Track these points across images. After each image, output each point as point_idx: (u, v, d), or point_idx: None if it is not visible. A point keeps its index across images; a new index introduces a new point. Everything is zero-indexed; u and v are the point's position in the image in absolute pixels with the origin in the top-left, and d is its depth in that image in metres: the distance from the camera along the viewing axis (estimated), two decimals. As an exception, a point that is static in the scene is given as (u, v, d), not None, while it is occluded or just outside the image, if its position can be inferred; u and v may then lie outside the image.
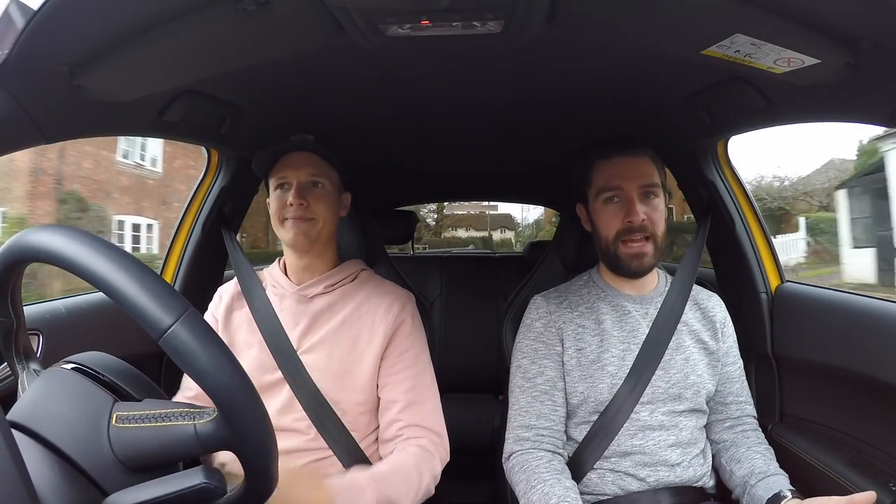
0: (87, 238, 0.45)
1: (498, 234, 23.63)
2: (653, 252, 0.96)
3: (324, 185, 0.99)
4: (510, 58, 0.87)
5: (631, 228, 0.95)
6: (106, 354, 0.58)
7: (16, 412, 0.51)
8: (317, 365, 0.94)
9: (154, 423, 0.49)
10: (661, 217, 0.97)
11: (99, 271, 0.44)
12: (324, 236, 0.99)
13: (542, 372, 0.99)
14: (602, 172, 1.00)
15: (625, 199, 0.97)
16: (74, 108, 0.76)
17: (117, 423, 0.50)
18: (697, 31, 0.68)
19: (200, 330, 0.44)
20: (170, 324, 0.43)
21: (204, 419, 0.48)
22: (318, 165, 0.99)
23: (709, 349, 1.01)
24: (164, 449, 0.49)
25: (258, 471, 0.50)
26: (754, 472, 0.92)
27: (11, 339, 0.59)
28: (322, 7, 0.63)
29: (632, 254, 0.96)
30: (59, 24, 0.59)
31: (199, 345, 0.44)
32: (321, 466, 0.91)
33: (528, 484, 0.90)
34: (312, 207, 0.96)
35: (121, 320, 0.45)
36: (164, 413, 0.50)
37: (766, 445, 0.99)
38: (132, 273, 0.44)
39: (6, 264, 0.50)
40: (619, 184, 0.97)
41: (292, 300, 0.99)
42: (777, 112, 0.92)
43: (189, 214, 1.33)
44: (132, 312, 0.43)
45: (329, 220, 0.99)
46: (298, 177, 0.97)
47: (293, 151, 0.99)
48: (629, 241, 0.96)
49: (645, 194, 0.97)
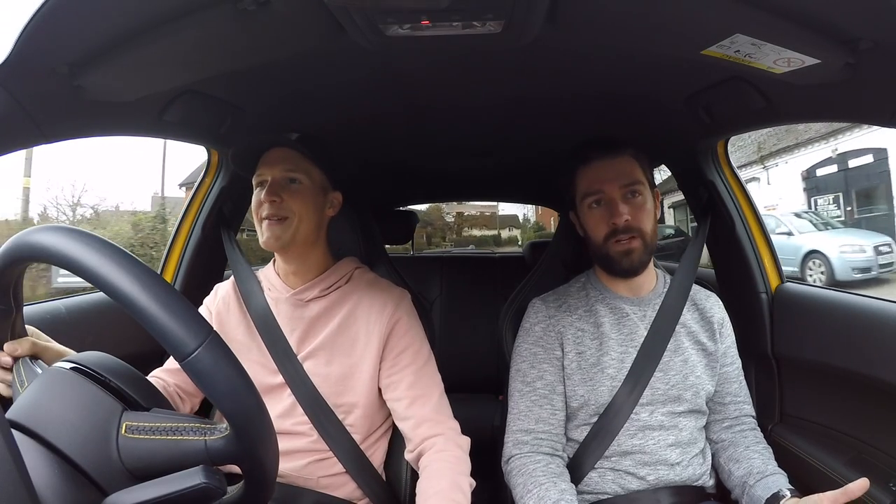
0: (113, 251, 0.46)
1: (506, 232, 27.45)
2: (642, 248, 0.96)
3: (301, 181, 0.94)
4: (510, 58, 0.87)
5: (616, 230, 0.96)
6: (107, 355, 0.58)
7: (16, 411, 0.51)
8: (317, 371, 0.94)
9: (165, 437, 0.50)
10: (647, 215, 0.97)
11: (124, 289, 0.44)
12: (301, 237, 0.94)
13: (541, 376, 0.99)
14: (584, 177, 1.00)
15: (608, 201, 0.97)
16: (74, 108, 0.76)
17: (127, 434, 0.50)
18: (697, 31, 0.68)
19: (223, 355, 0.46)
20: (194, 348, 0.44)
21: (215, 436, 0.50)
22: (296, 161, 0.95)
23: (707, 350, 1.01)
24: (174, 461, 0.50)
25: (258, 482, 0.52)
26: (752, 471, 0.93)
27: (8, 324, 0.60)
28: (322, 7, 0.63)
29: (621, 251, 0.96)
30: (59, 24, 0.59)
31: (221, 370, 0.46)
32: (322, 466, 0.91)
33: (525, 488, 0.90)
34: (287, 204, 0.92)
35: (121, 320, 0.45)
36: (175, 427, 0.51)
37: (764, 444, 0.99)
38: (157, 293, 0.45)
39: (11, 262, 0.50)
40: (600, 187, 0.97)
41: (288, 305, 0.98)
42: (777, 112, 0.92)
43: (189, 214, 1.33)
44: (156, 334, 0.44)
45: (306, 218, 0.94)
46: (273, 173, 0.94)
47: (272, 148, 0.96)
48: (617, 240, 0.96)
49: (627, 193, 0.96)
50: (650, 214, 0.98)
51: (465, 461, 0.89)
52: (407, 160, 1.71)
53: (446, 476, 0.85)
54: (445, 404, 0.96)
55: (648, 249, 0.97)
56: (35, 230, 0.48)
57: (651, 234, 0.97)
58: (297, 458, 0.91)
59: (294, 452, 0.91)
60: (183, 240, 1.32)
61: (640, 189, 0.97)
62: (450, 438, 0.91)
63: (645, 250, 0.97)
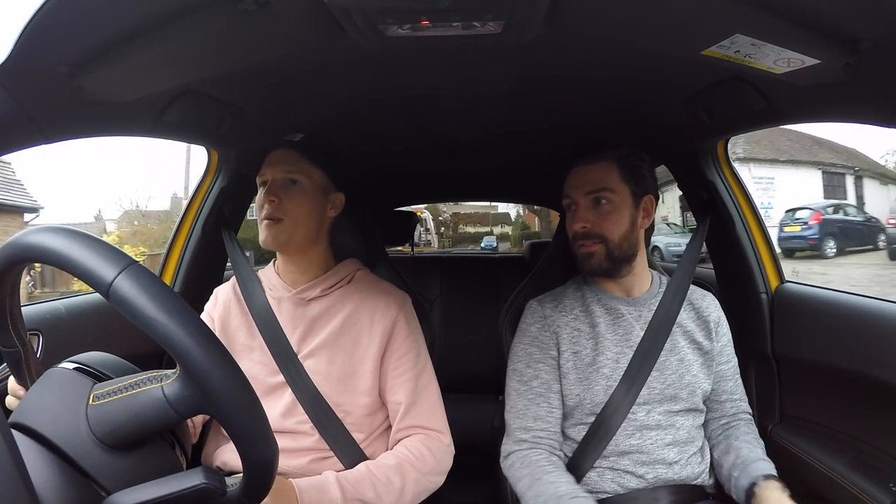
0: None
1: (498, 229, 30.28)
2: (604, 253, 0.97)
3: (301, 183, 0.95)
4: (510, 58, 0.87)
5: (575, 236, 0.99)
6: (105, 353, 0.58)
7: (18, 412, 0.51)
8: (318, 369, 0.94)
9: (125, 394, 0.48)
10: (611, 222, 0.97)
11: (45, 243, 0.44)
12: (298, 238, 0.95)
13: (537, 375, 0.99)
14: (566, 182, 1.03)
15: (576, 206, 1.00)
16: (74, 108, 0.76)
17: (93, 402, 0.49)
18: (697, 31, 0.68)
19: (147, 279, 0.44)
20: (113, 276, 0.43)
21: (169, 379, 0.47)
22: (297, 163, 0.95)
23: (703, 349, 1.01)
24: (137, 418, 0.48)
25: (245, 433, 0.48)
26: (737, 463, 0.94)
27: (23, 368, 0.57)
28: (322, 7, 0.63)
29: (582, 254, 0.99)
30: (59, 24, 0.59)
31: (147, 292, 0.43)
32: (323, 465, 0.92)
33: (533, 477, 0.91)
34: (283, 206, 0.93)
35: (121, 320, 0.44)
36: (134, 382, 0.49)
37: (754, 436, 1.00)
38: (73, 235, 0.44)
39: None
40: (569, 192, 1.01)
41: (289, 304, 0.98)
42: (777, 112, 0.92)
43: (189, 215, 1.33)
44: (79, 275, 0.43)
45: (302, 221, 0.95)
46: (274, 174, 0.95)
47: (275, 149, 0.97)
48: (580, 244, 0.99)
49: (593, 200, 0.98)
50: (617, 222, 0.97)
51: (429, 461, 0.92)
52: (407, 160, 1.71)
53: (399, 457, 0.90)
54: (440, 412, 0.98)
55: (612, 255, 0.98)
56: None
57: (618, 240, 0.97)
58: (299, 457, 0.91)
59: (296, 451, 0.91)
60: (183, 240, 1.32)
61: (609, 196, 0.97)
62: (428, 438, 0.94)
63: (607, 256, 0.97)
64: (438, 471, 0.94)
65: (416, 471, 0.90)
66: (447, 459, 0.96)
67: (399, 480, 0.87)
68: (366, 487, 0.84)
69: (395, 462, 0.89)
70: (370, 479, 0.85)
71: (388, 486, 0.86)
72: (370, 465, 0.89)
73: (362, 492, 0.84)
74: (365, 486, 0.84)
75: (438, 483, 0.94)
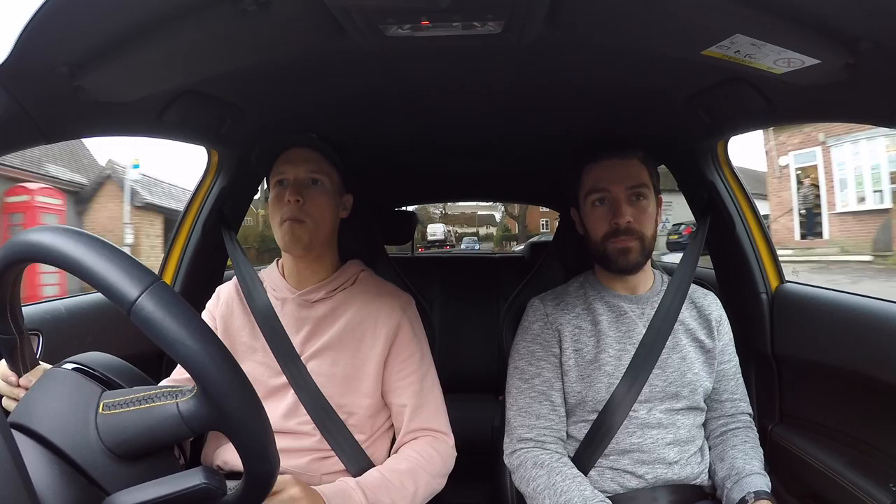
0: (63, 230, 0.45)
1: (483, 230, 34.90)
2: (640, 249, 0.97)
3: (323, 183, 0.95)
4: (510, 58, 0.87)
5: (617, 230, 0.96)
6: (105, 354, 0.58)
7: (18, 412, 0.51)
8: (322, 370, 0.94)
9: (137, 407, 0.48)
10: (649, 218, 0.98)
11: (65, 251, 0.43)
12: (319, 239, 0.95)
13: (539, 373, 0.99)
14: (590, 175, 1.00)
15: (612, 201, 0.98)
16: (74, 108, 0.76)
17: (103, 411, 0.49)
18: (697, 31, 0.68)
19: (171, 300, 0.43)
20: (137, 295, 0.42)
21: (185, 397, 0.47)
22: (319, 163, 0.95)
23: (705, 347, 1.01)
24: (150, 432, 0.48)
25: (253, 451, 0.49)
26: (731, 474, 0.93)
27: (17, 354, 0.58)
28: (322, 7, 0.63)
29: (619, 248, 0.97)
30: (59, 24, 0.59)
31: (170, 313, 0.43)
32: (324, 465, 0.92)
33: (550, 478, 0.90)
34: (307, 207, 0.92)
35: (121, 320, 0.44)
36: (147, 395, 0.49)
37: (752, 444, 0.99)
38: (96, 247, 0.43)
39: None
40: (606, 186, 0.98)
41: (293, 305, 0.97)
42: (777, 112, 0.92)
43: (189, 215, 1.33)
44: (99, 286, 0.42)
45: (324, 222, 0.95)
46: (297, 173, 0.94)
47: (294, 147, 0.96)
48: (616, 239, 0.97)
49: (633, 196, 0.97)
50: (652, 219, 0.99)
51: (437, 463, 0.92)
52: (407, 160, 1.71)
53: (410, 461, 0.90)
54: (444, 414, 0.98)
55: (645, 252, 0.98)
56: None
57: (650, 238, 0.99)
58: (300, 456, 0.91)
59: (297, 451, 0.91)
60: (183, 240, 1.32)
61: (646, 193, 0.98)
62: (436, 441, 0.94)
63: (642, 252, 0.98)
64: (444, 472, 0.94)
65: (427, 474, 0.90)
66: (452, 461, 0.97)
67: (412, 485, 0.87)
68: (382, 493, 0.84)
69: (408, 467, 0.89)
70: (386, 486, 0.85)
71: (402, 492, 0.86)
72: (384, 471, 0.88)
73: (380, 497, 0.83)
74: (381, 492, 0.84)
75: (443, 485, 0.94)
